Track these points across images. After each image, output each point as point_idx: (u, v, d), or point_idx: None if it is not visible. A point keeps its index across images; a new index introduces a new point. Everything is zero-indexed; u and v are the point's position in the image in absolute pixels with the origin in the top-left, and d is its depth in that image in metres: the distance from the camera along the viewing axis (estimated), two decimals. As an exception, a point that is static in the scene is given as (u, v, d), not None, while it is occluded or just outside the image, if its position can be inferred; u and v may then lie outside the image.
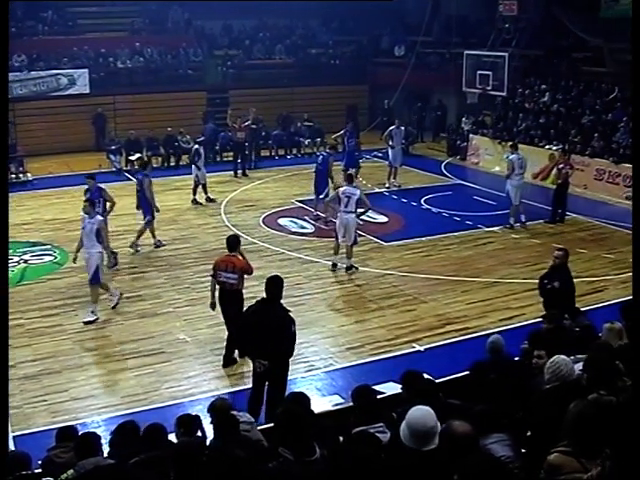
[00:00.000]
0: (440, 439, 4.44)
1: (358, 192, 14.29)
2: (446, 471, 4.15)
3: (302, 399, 6.19)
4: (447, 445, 4.39)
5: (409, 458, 4.43)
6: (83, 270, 14.32)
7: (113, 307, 12.32)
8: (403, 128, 21.95)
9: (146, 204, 15.61)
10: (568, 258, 10.33)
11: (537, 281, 10.38)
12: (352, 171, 17.75)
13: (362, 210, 14.38)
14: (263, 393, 8.52)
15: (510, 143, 20.19)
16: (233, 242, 10.41)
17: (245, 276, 10.17)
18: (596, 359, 5.54)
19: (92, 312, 11.87)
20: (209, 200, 19.61)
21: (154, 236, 15.88)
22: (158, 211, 15.86)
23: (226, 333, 10.40)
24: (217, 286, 10.31)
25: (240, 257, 10.37)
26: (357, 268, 14.28)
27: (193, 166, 19.40)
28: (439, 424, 4.51)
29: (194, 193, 19.48)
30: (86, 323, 11.70)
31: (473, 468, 3.93)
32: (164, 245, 15.85)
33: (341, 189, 14.21)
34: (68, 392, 9.76)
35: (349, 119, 26.56)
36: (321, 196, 17.38)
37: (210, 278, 10.50)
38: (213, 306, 10.46)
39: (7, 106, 6.73)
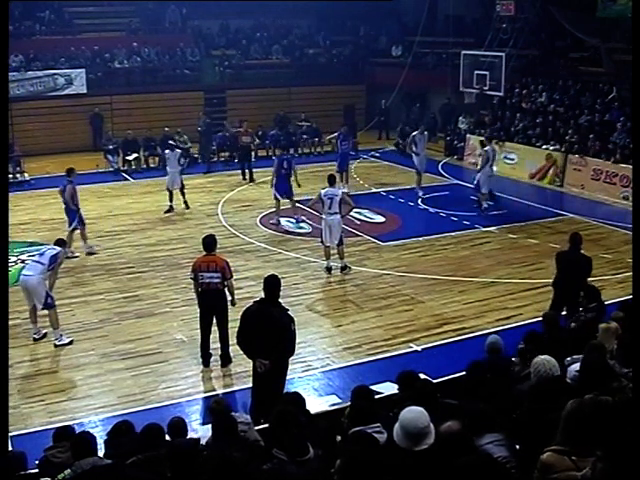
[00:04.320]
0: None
1: (340, 193, 14.35)
2: (440, 471, 4.17)
3: (297, 399, 6.20)
4: (439, 444, 4.43)
5: (404, 458, 4.45)
6: (80, 270, 14.41)
7: (36, 339, 11.30)
8: (427, 133, 21.07)
9: (70, 211, 15.24)
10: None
11: (534, 281, 10.39)
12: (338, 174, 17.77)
13: (345, 212, 14.42)
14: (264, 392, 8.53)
15: (486, 137, 20.74)
16: (212, 242, 10.43)
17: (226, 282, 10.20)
18: (590, 360, 5.57)
19: (61, 336, 11.15)
20: (168, 210, 18.61)
21: (85, 241, 15.51)
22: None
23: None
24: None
25: (220, 256, 10.48)
26: (350, 268, 14.31)
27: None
28: (432, 424, 4.54)
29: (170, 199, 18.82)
30: (58, 346, 11.05)
31: (471, 468, 3.95)
32: (96, 253, 15.42)
33: (323, 191, 14.20)
34: (65, 392, 9.77)
35: (346, 120, 26.58)
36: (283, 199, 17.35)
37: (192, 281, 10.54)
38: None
39: (7, 106, 6.71)
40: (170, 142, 20.12)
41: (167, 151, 19.19)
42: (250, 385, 8.81)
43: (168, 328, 11.74)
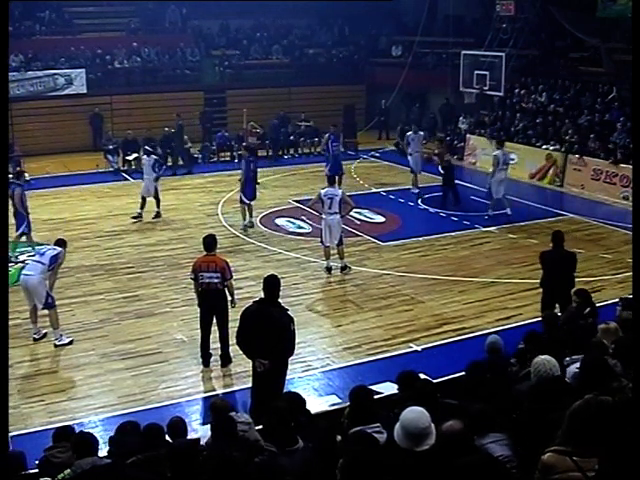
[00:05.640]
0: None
1: (340, 193, 14.30)
2: (441, 471, 4.17)
3: (297, 400, 6.20)
4: (439, 444, 4.43)
5: (404, 458, 4.45)
6: (80, 270, 14.40)
7: (36, 339, 11.27)
8: (422, 133, 21.11)
9: (19, 216, 14.79)
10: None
11: (534, 281, 10.40)
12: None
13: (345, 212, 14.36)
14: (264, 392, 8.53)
15: (496, 140, 20.41)
16: (212, 242, 10.43)
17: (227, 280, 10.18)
18: (590, 359, 5.58)
19: (61, 336, 11.10)
20: (136, 217, 17.87)
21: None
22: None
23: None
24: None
25: (220, 257, 10.48)
26: (350, 268, 14.30)
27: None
28: (433, 425, 4.54)
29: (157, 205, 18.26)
30: (58, 346, 11.05)
31: (472, 469, 3.94)
32: None
33: (322, 191, 14.19)
34: (65, 392, 9.77)
35: (345, 120, 26.55)
36: (252, 202, 17.24)
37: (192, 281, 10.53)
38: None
39: (7, 106, 6.70)
40: (146, 147, 19.59)
41: (144, 156, 18.67)
42: (250, 385, 8.82)
43: (168, 328, 11.73)
